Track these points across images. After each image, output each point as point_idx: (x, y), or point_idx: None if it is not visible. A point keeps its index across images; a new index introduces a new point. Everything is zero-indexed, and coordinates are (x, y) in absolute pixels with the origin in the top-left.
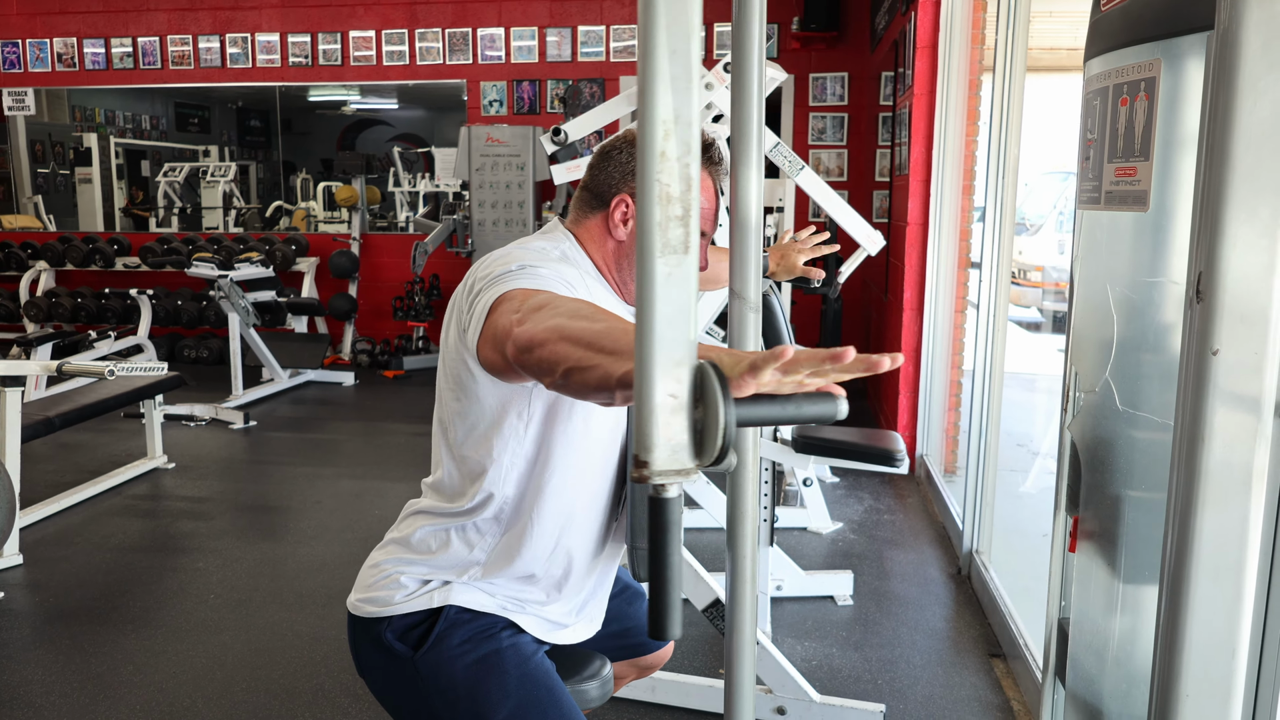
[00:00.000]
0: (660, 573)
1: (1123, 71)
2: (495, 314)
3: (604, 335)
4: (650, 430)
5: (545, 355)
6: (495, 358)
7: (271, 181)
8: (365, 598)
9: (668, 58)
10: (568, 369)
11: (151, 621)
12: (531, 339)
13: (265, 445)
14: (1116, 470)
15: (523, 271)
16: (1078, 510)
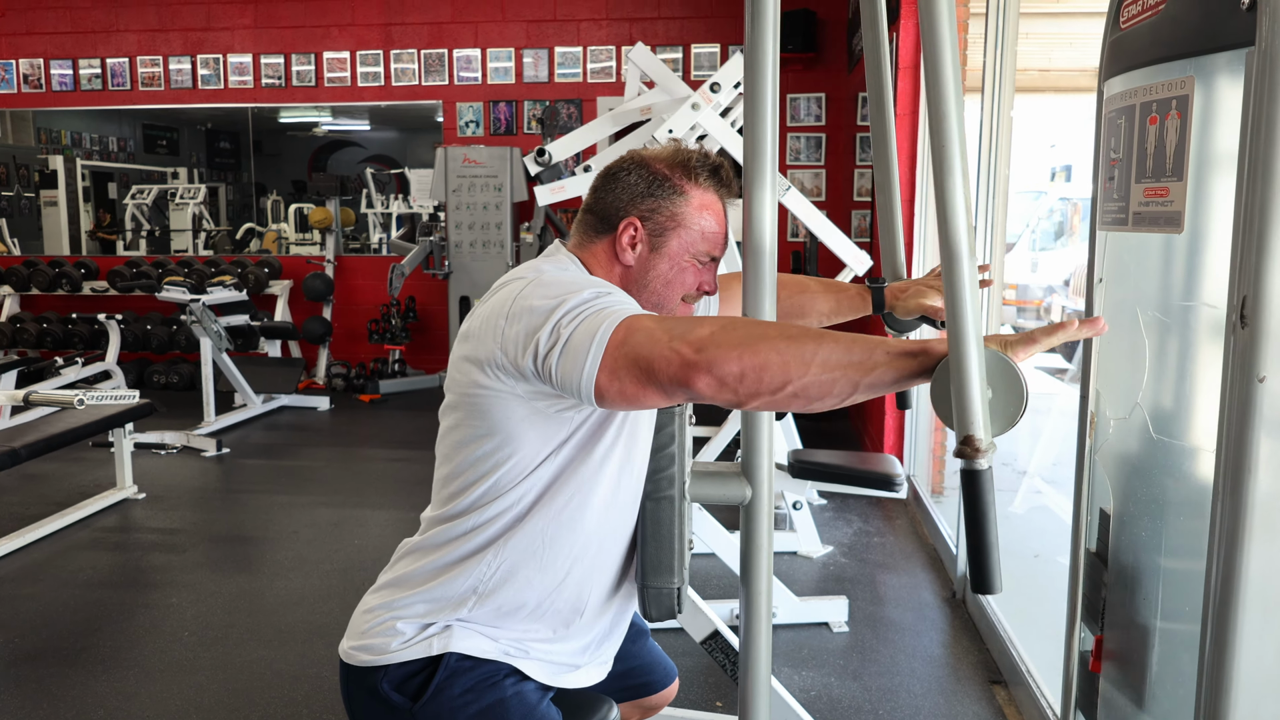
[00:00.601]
0: (982, 536)
1: (1152, 90)
2: (625, 347)
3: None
4: (975, 410)
5: (768, 379)
6: (636, 390)
7: (241, 203)
8: (359, 645)
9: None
10: (803, 385)
11: (123, 661)
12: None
13: (239, 473)
14: (1151, 495)
15: (602, 300)
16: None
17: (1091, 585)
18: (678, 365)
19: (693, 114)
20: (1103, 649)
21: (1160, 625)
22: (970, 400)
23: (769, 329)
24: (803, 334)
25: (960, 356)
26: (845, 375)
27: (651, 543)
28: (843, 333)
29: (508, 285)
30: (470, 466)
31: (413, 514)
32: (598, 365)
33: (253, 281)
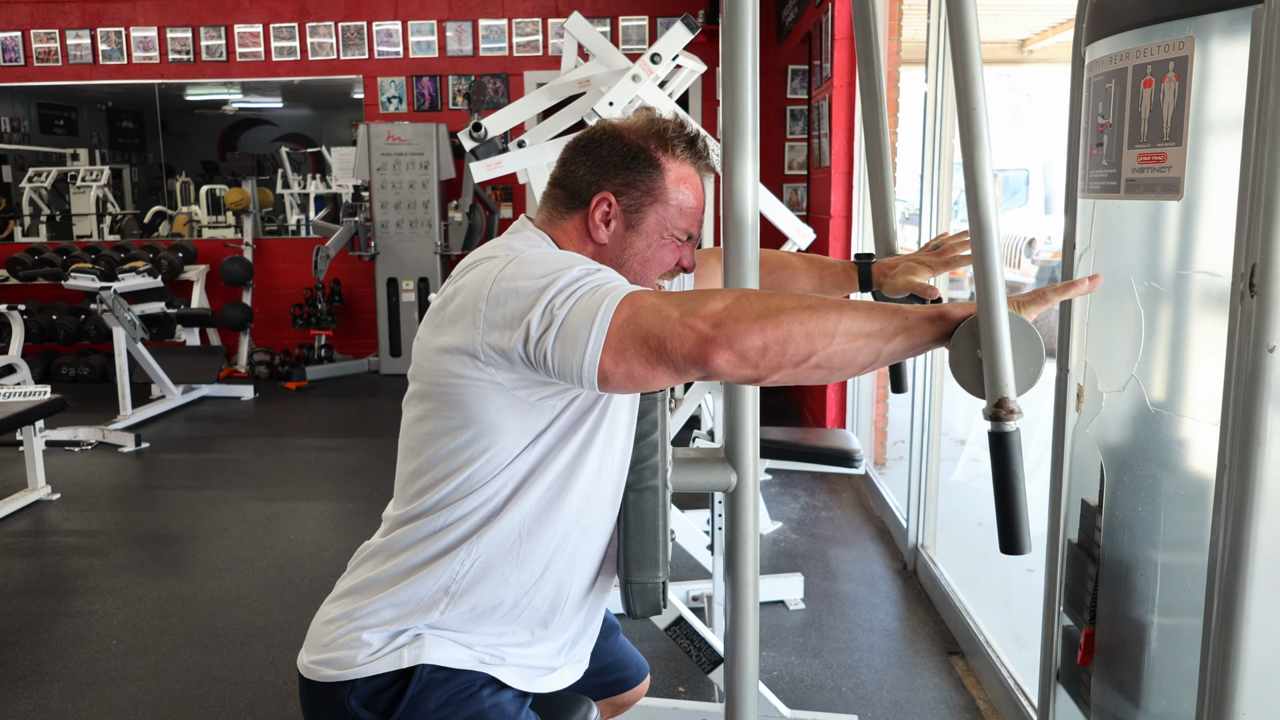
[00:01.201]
0: (1012, 497)
1: (1146, 51)
2: (631, 325)
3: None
4: (1006, 372)
5: (793, 351)
6: (644, 371)
7: (148, 185)
8: (322, 659)
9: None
10: (827, 355)
11: (45, 675)
12: (765, 345)
13: (161, 469)
14: (1149, 470)
15: (591, 277)
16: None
17: (1075, 577)
18: (694, 342)
19: (633, 86)
20: (1093, 643)
21: (1158, 620)
22: (1002, 364)
23: (786, 300)
24: (822, 304)
25: (992, 322)
26: (869, 343)
27: (635, 536)
28: (861, 301)
29: (479, 265)
30: (441, 460)
31: (349, 505)
32: (600, 346)
33: (166, 267)
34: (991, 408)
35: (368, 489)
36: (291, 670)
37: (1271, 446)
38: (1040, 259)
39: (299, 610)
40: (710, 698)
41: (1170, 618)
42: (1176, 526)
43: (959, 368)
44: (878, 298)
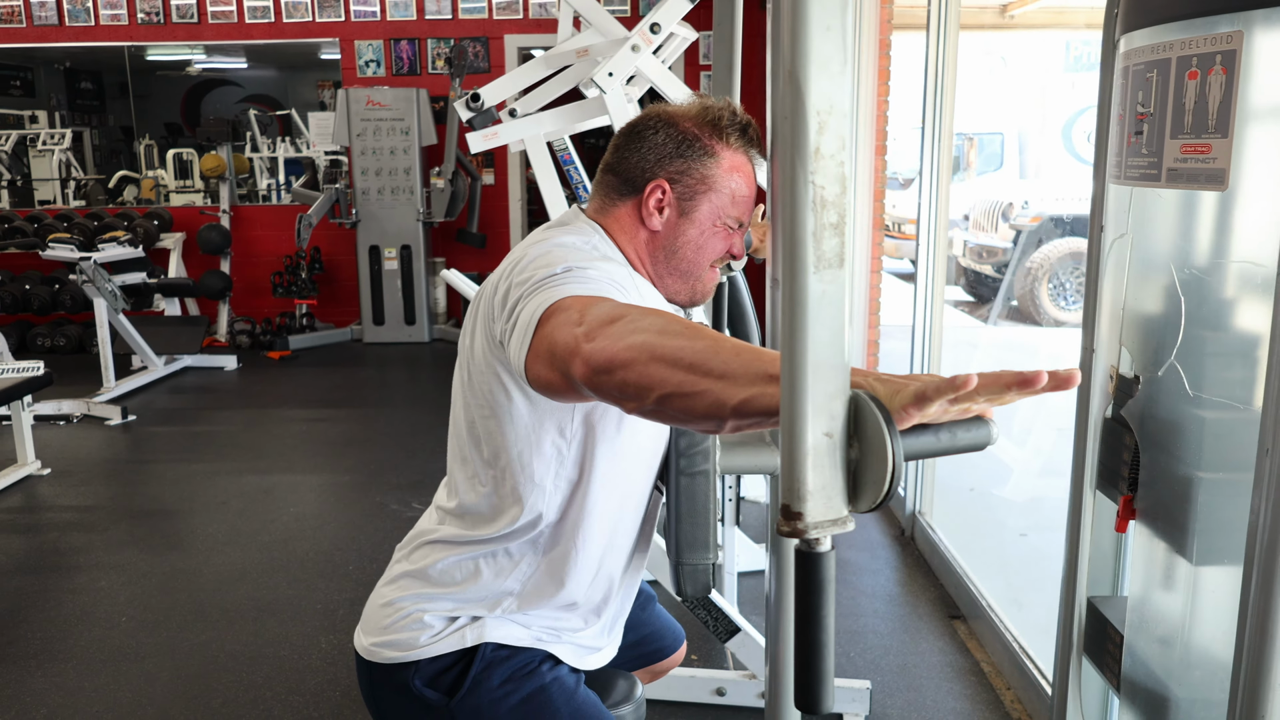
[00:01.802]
0: (812, 637)
1: (1191, 44)
2: (547, 326)
3: (710, 356)
4: (802, 476)
5: (633, 378)
6: (553, 376)
7: (110, 149)
8: (383, 641)
9: (820, 34)
10: (664, 395)
11: (58, 654)
12: (612, 359)
13: (150, 441)
14: (1185, 452)
15: (569, 275)
16: (1130, 490)
17: (1110, 450)
18: (569, 350)
19: (633, 56)
20: (1132, 509)
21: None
22: (793, 460)
23: (674, 325)
24: (698, 335)
25: (790, 397)
26: (711, 389)
27: (687, 520)
28: (752, 347)
29: (513, 256)
30: (483, 449)
31: (346, 477)
32: (527, 346)
33: (142, 234)
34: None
35: (362, 460)
36: (306, 645)
37: None
38: (1018, 223)
39: (307, 585)
40: (723, 665)
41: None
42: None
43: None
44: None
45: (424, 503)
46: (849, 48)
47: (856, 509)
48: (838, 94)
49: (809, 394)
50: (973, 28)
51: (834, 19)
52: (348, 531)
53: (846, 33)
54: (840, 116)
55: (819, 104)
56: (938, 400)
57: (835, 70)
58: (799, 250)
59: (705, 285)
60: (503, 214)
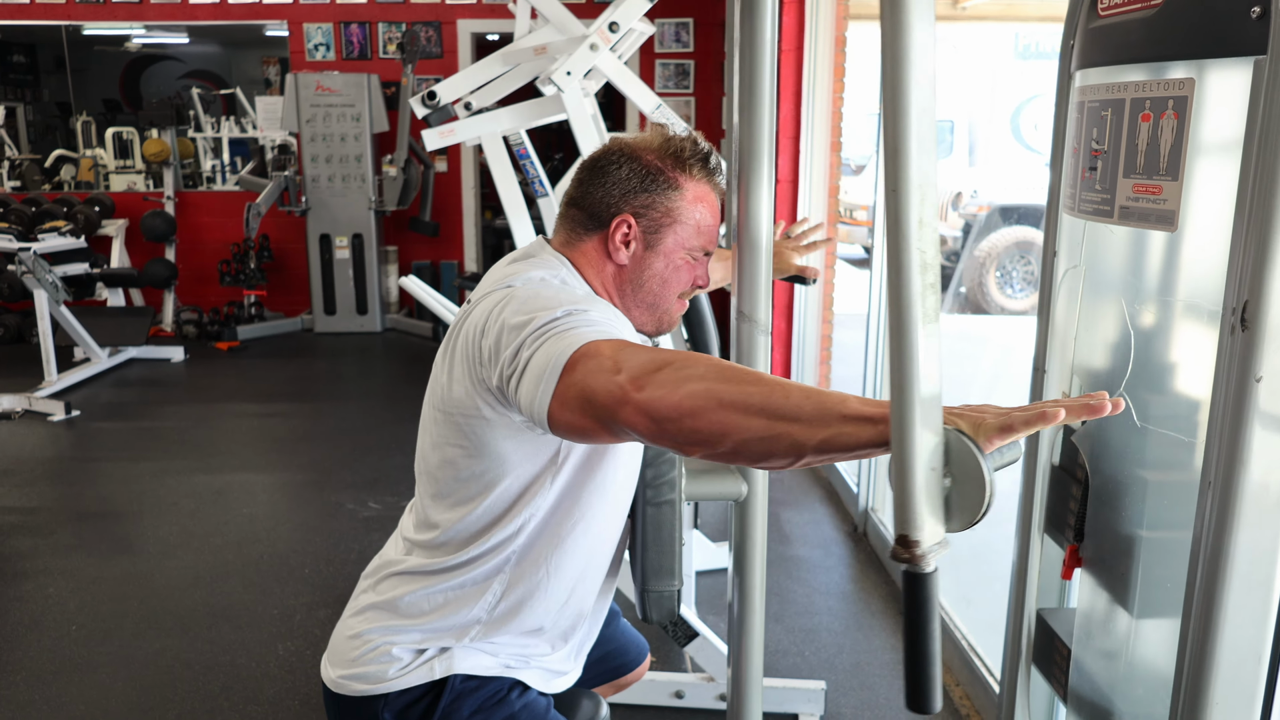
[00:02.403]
0: (923, 648)
1: (1145, 87)
2: (574, 374)
3: (781, 400)
4: (917, 509)
5: (704, 426)
6: (585, 423)
7: (44, 125)
8: (352, 674)
9: (916, 118)
10: (742, 440)
11: (6, 665)
12: (676, 409)
13: (96, 439)
14: (1133, 484)
15: (572, 319)
16: (1077, 539)
17: (1058, 498)
18: (615, 399)
19: (591, 55)
20: (1077, 558)
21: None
22: (909, 493)
23: (728, 371)
24: (760, 380)
25: (902, 438)
26: (790, 432)
27: (653, 548)
28: (808, 387)
29: (490, 295)
30: (461, 485)
31: (299, 476)
32: (550, 392)
33: (83, 222)
34: (895, 545)
35: (315, 457)
36: (263, 652)
37: (1254, 465)
38: (967, 212)
39: (262, 589)
40: (682, 668)
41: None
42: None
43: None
44: None
45: (380, 502)
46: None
47: (951, 529)
48: (931, 169)
49: (918, 436)
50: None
51: (927, 103)
52: (303, 533)
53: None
54: (933, 188)
55: (920, 180)
56: (1024, 432)
57: (929, 149)
58: (909, 309)
59: (672, 316)
60: (456, 202)
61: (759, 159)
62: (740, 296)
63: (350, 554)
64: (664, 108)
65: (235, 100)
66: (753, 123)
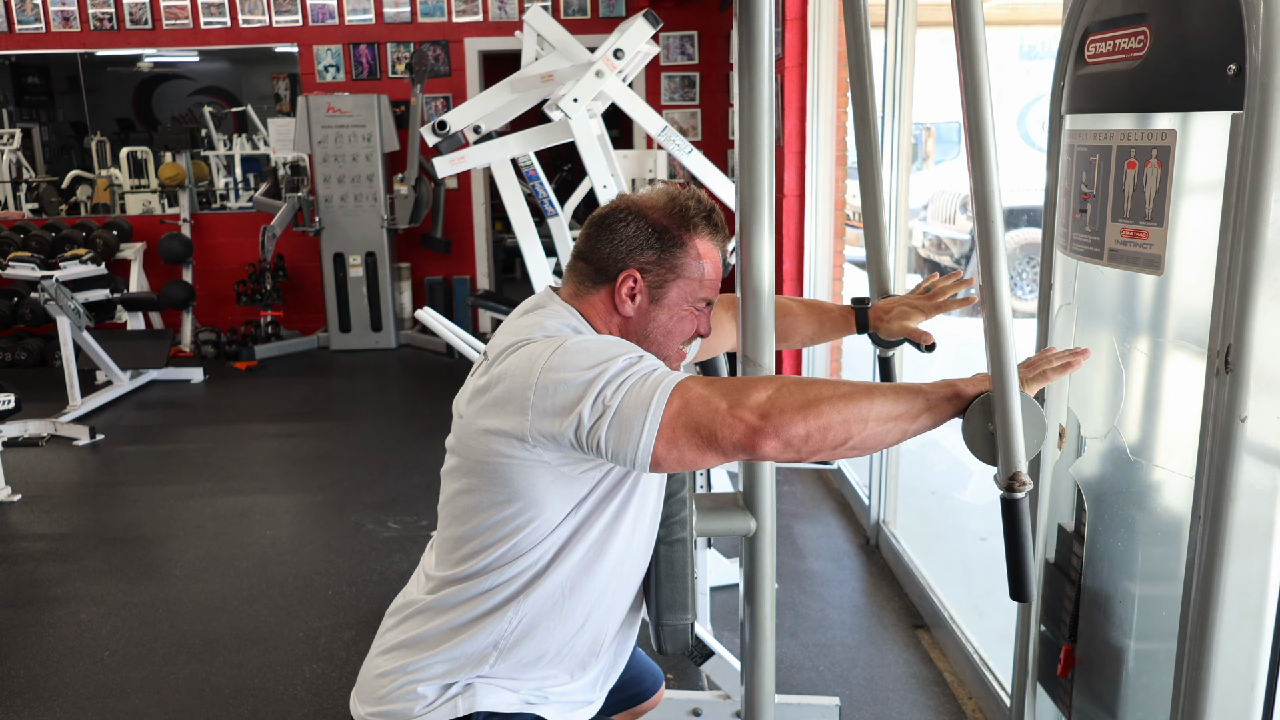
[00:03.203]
0: (1022, 554)
1: (1131, 135)
2: (683, 414)
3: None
4: (1018, 449)
5: (833, 438)
6: (694, 456)
7: (59, 145)
8: (379, 711)
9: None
10: (860, 440)
11: (42, 691)
12: (808, 433)
13: (120, 463)
14: (1126, 513)
15: (637, 365)
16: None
17: (1053, 594)
18: (743, 432)
19: (597, 82)
20: (1073, 658)
21: (1134, 645)
22: (1015, 442)
23: (824, 389)
24: (855, 391)
25: (1007, 405)
26: (896, 425)
27: (666, 584)
28: (887, 384)
29: (521, 348)
30: (487, 530)
31: (320, 497)
32: (655, 436)
33: (102, 247)
34: (1006, 479)
35: (335, 478)
36: (290, 675)
37: (1241, 501)
38: None
39: (288, 612)
40: (698, 686)
41: (1146, 642)
42: (1151, 560)
43: (973, 440)
44: (874, 339)
45: (399, 522)
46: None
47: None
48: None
49: (1013, 401)
50: (930, 25)
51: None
52: (325, 555)
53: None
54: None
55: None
56: (1055, 377)
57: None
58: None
59: (673, 363)
60: (467, 218)
61: (760, 210)
62: (745, 342)
63: (372, 575)
64: (669, 130)
65: (246, 117)
66: (753, 178)
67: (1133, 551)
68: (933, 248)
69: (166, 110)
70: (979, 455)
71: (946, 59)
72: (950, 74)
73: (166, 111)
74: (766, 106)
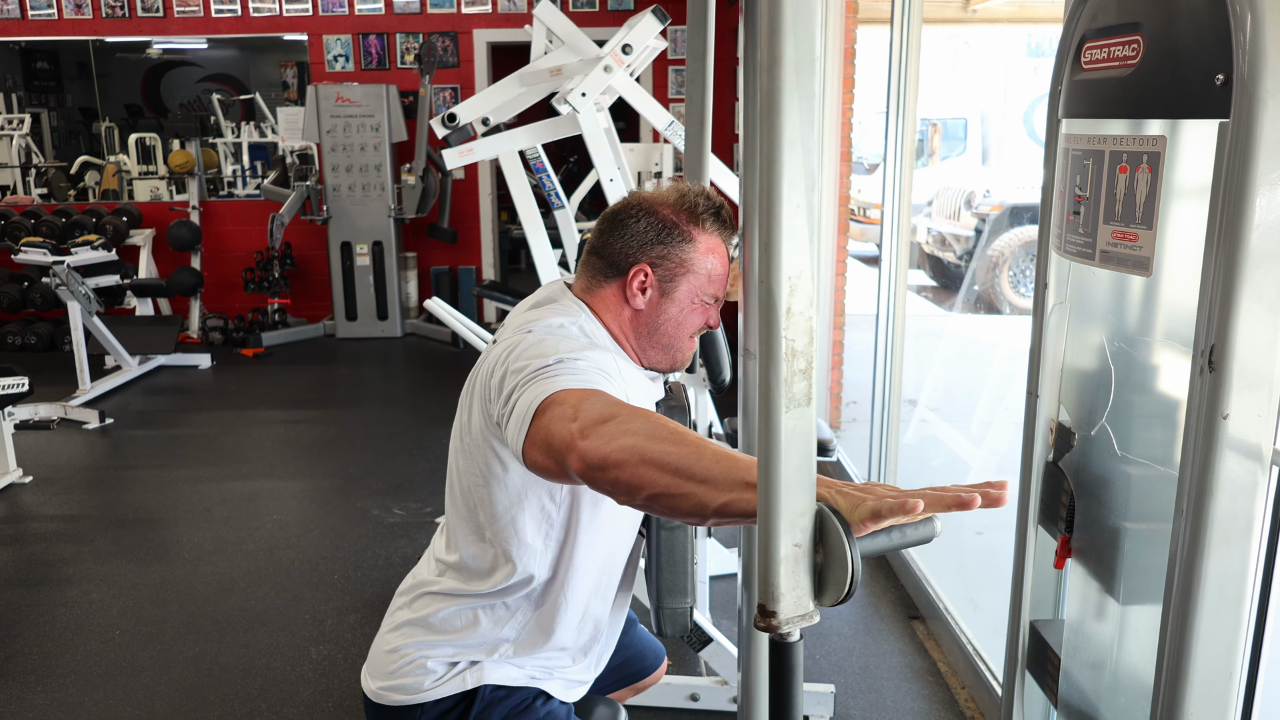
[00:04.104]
0: (786, 713)
1: (1123, 140)
2: (544, 418)
3: (694, 462)
4: (776, 581)
5: (625, 478)
6: (548, 464)
7: (68, 130)
8: (390, 685)
9: (791, 212)
10: (654, 494)
11: (55, 669)
12: (605, 459)
13: (130, 446)
14: (1114, 504)
15: (561, 366)
16: (1067, 532)
17: (1050, 492)
18: (565, 444)
19: (605, 76)
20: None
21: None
22: (769, 566)
23: (661, 429)
24: (683, 439)
25: (766, 513)
26: (696, 493)
27: (667, 569)
28: (728, 452)
29: (508, 340)
30: (483, 513)
31: (326, 482)
32: (524, 434)
33: (111, 232)
34: (755, 614)
35: (341, 464)
36: (297, 656)
37: (1222, 497)
38: (980, 212)
39: (294, 595)
40: (696, 672)
41: (1136, 524)
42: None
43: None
44: None
45: (404, 509)
46: (815, 225)
47: (821, 604)
48: (805, 262)
49: (781, 512)
50: (936, 21)
51: (801, 199)
52: (331, 540)
53: (813, 211)
54: (808, 280)
55: (790, 271)
56: (890, 519)
57: (803, 241)
58: (774, 394)
59: (684, 355)
60: (474, 209)
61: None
62: (747, 334)
63: (377, 560)
64: (676, 124)
65: (254, 105)
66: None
67: (1128, 434)
68: (936, 244)
69: (175, 97)
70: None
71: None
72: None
73: (175, 98)
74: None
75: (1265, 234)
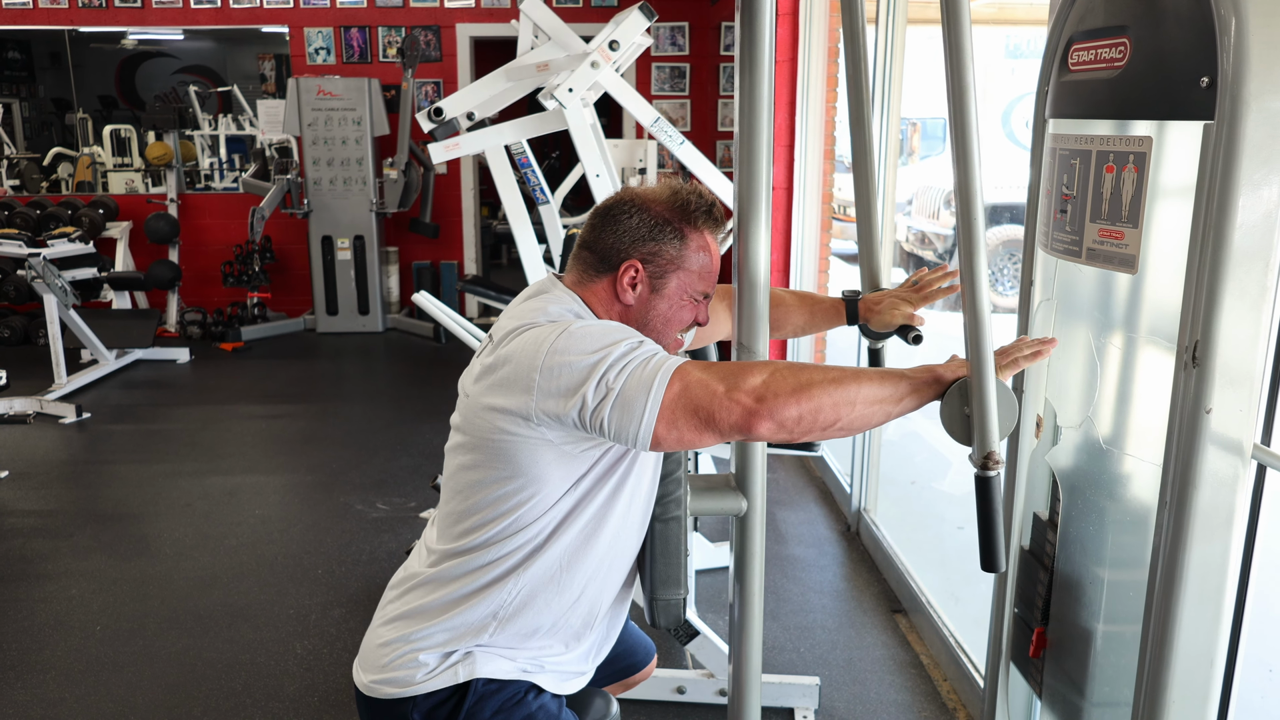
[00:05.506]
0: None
1: (1109, 141)
2: (677, 394)
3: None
4: (992, 431)
5: (821, 420)
6: (695, 436)
7: (40, 121)
8: (383, 679)
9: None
10: (847, 423)
11: (36, 665)
12: (799, 417)
13: (107, 441)
14: (1096, 499)
15: (643, 347)
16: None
17: (1026, 579)
18: (739, 414)
19: (592, 72)
20: (1045, 640)
21: (1102, 628)
22: (990, 423)
23: (815, 373)
24: (843, 375)
25: (983, 389)
26: (881, 408)
27: (660, 560)
28: (873, 369)
29: (526, 331)
30: (490, 505)
31: (308, 477)
32: (655, 417)
33: (88, 225)
34: (980, 458)
35: (323, 459)
36: (281, 651)
37: (1205, 488)
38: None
39: (277, 589)
40: (683, 665)
41: (1114, 625)
42: (1121, 547)
43: (950, 421)
44: (865, 331)
45: (387, 503)
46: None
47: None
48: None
49: (989, 386)
50: (920, 22)
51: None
52: (314, 534)
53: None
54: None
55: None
56: (1026, 365)
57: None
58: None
59: (670, 351)
60: (456, 203)
61: (757, 202)
62: (740, 330)
63: (361, 554)
64: (661, 121)
65: (231, 97)
66: (751, 170)
67: (1103, 538)
68: (916, 242)
69: (150, 89)
70: (955, 436)
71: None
72: (937, 71)
73: (150, 90)
74: (766, 102)
75: (1248, 233)
